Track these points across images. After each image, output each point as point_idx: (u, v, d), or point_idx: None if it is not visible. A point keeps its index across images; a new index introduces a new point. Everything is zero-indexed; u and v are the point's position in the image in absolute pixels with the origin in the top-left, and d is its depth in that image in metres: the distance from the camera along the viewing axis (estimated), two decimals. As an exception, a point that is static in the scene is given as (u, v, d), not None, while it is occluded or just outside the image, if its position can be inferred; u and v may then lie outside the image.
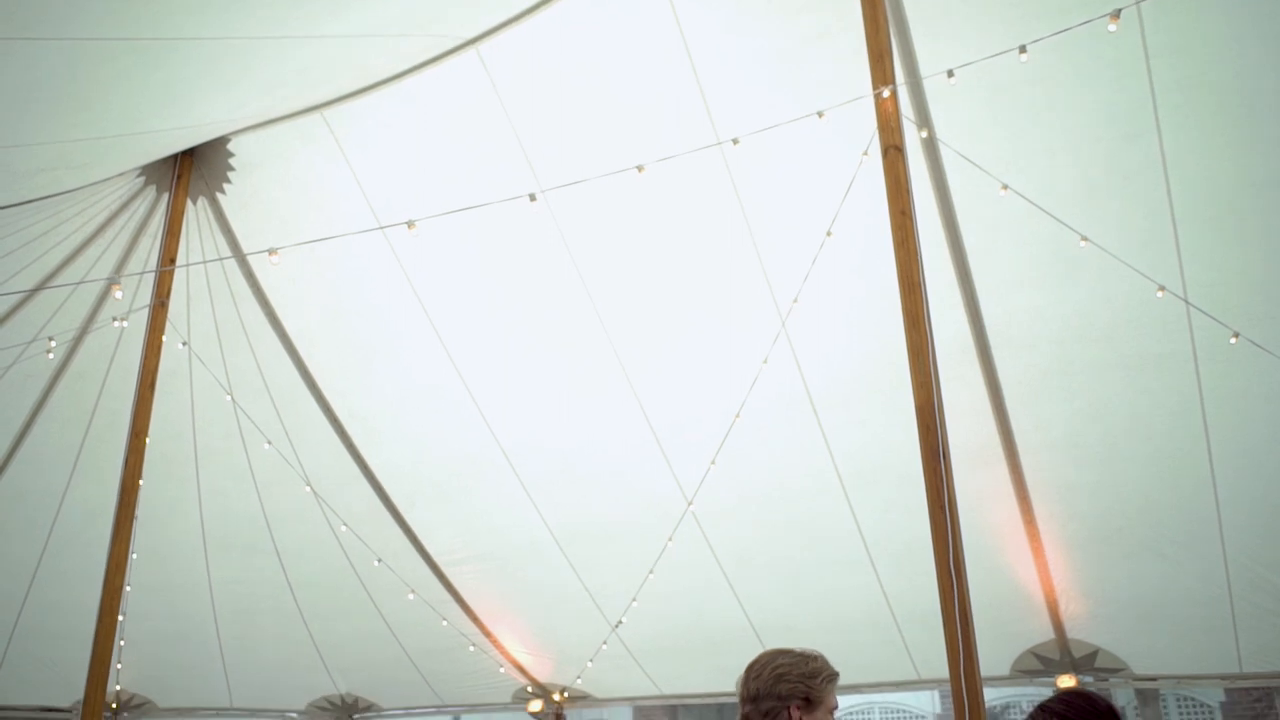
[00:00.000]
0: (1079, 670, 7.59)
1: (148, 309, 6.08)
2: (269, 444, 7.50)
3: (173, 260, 6.14)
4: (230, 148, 6.25)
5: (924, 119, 5.19)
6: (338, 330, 7.05)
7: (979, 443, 6.23)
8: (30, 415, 7.28)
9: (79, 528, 7.78)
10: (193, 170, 6.35)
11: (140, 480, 5.82)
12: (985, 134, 5.19)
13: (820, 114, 4.93)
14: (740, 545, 7.49)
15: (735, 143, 5.15)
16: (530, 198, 5.21)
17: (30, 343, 6.47)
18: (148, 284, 6.32)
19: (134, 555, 5.63)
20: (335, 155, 6.13)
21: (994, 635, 5.97)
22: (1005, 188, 5.13)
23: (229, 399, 7.29)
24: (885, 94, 4.50)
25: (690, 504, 7.06)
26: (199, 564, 8.53)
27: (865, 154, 5.05)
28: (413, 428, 7.45)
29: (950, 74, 4.72)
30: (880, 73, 4.57)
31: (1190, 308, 5.39)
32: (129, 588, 5.57)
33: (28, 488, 7.64)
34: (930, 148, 5.30)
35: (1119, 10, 4.35)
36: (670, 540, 7.21)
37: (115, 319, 6.55)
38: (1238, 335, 5.35)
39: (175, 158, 6.29)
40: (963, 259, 5.65)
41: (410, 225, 4.90)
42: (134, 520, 5.63)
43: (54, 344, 6.51)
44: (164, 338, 6.07)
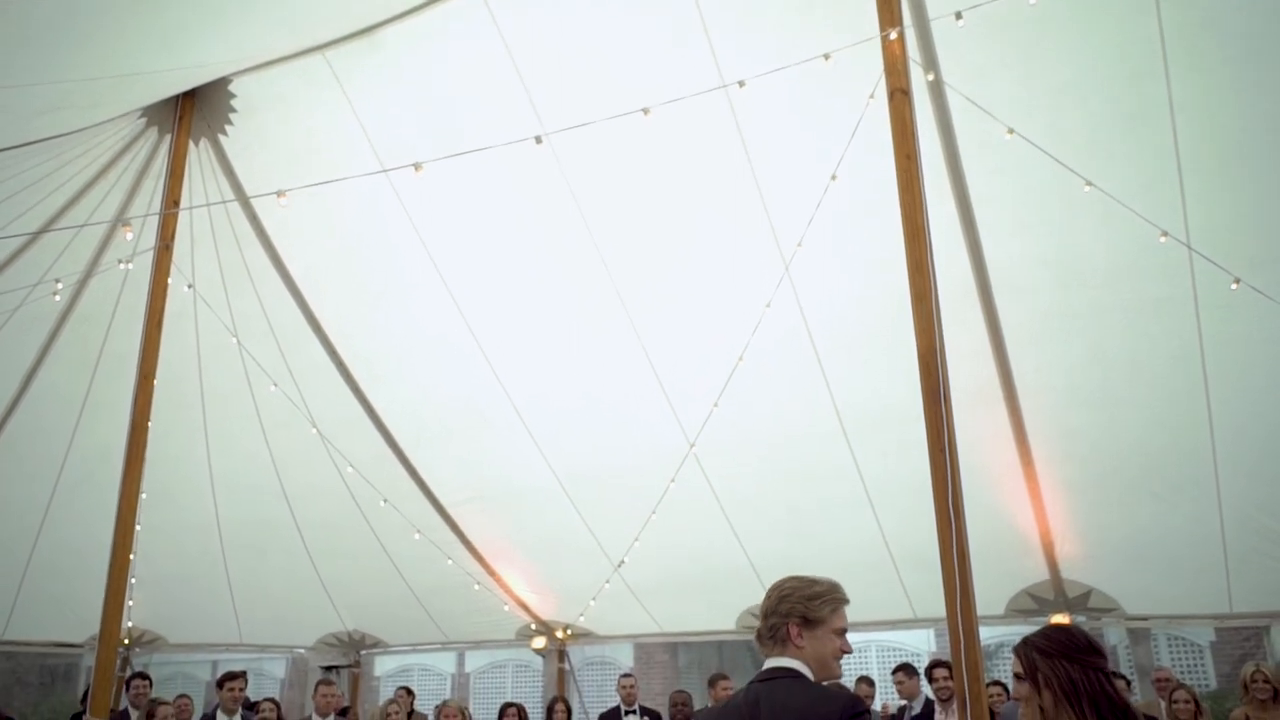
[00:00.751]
0: (1072, 610, 7.74)
1: (152, 251, 6.08)
2: (275, 386, 7.55)
3: (176, 202, 6.13)
4: (231, 89, 6.21)
5: (930, 62, 5.15)
6: (342, 274, 7.06)
7: (978, 386, 6.28)
8: (38, 357, 7.32)
9: (89, 468, 7.87)
10: (194, 112, 6.31)
11: (149, 421, 5.87)
12: (992, 77, 5.15)
13: (826, 56, 4.89)
14: (741, 486, 7.58)
15: (741, 85, 5.12)
16: (536, 140, 5.20)
17: (37, 284, 6.48)
18: (151, 226, 6.32)
19: (143, 496, 5.70)
20: (337, 97, 6.08)
21: (990, 575, 6.07)
22: (1011, 131, 5.11)
23: (234, 341, 7.33)
24: (893, 35, 4.47)
25: (692, 446, 7.14)
26: (207, 504, 8.64)
27: (871, 97, 5.02)
28: (418, 370, 7.49)
29: (958, 16, 4.68)
30: (888, 14, 4.54)
31: (1192, 253, 5.39)
32: (139, 527, 5.64)
33: (37, 428, 7.72)
34: (936, 91, 5.26)
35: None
36: (672, 482, 7.30)
37: (120, 261, 6.55)
38: (1239, 281, 5.37)
39: (176, 99, 6.25)
40: (966, 203, 5.64)
41: (417, 168, 4.89)
42: (144, 460, 5.69)
43: (60, 286, 6.52)
44: (169, 280, 6.08)
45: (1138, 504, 6.80)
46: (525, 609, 9.53)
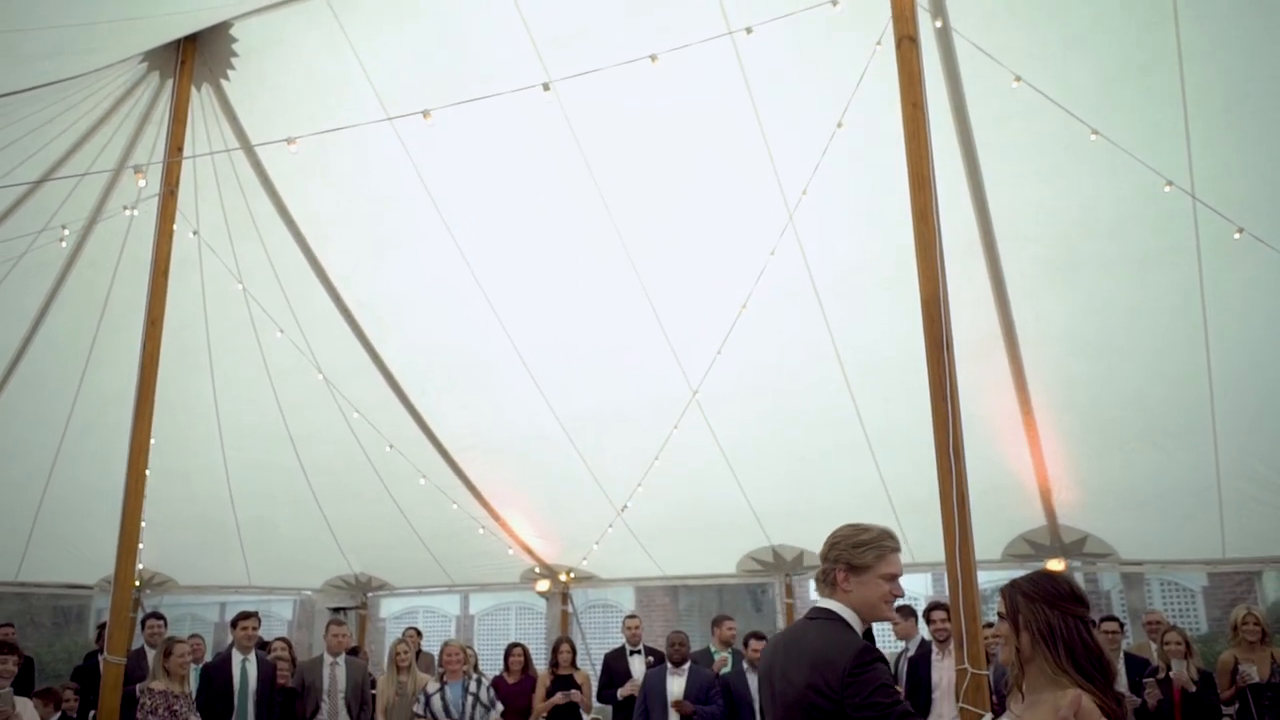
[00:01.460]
0: (1069, 555, 7.87)
1: (157, 197, 6.07)
2: (281, 333, 7.59)
3: (180, 148, 6.11)
4: (233, 33, 6.15)
5: (939, 8, 5.10)
6: (346, 221, 7.05)
7: (980, 335, 6.32)
8: (45, 302, 7.35)
9: (97, 413, 7.94)
10: (196, 56, 6.26)
11: (158, 367, 5.91)
12: (1000, 24, 5.11)
13: (834, 2, 4.86)
14: (743, 433, 7.66)
15: (749, 32, 5.08)
16: (544, 87, 5.17)
17: (42, 230, 6.49)
18: (154, 172, 6.30)
19: (152, 440, 5.76)
20: (340, 42, 6.02)
21: (988, 521, 6.16)
22: (1019, 79, 5.08)
23: (240, 288, 7.35)
24: (902, -19, 4.43)
25: (695, 393, 7.20)
26: (215, 450, 8.74)
27: (879, 44, 4.99)
28: (423, 317, 7.53)
29: (967, -39, 4.63)
30: (896, -41, 4.49)
31: (1196, 203, 5.39)
32: (148, 472, 5.71)
33: (45, 373, 7.77)
34: (944, 38, 5.22)
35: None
36: (675, 428, 7.37)
37: (125, 207, 6.55)
38: (1241, 230, 5.38)
39: (178, 44, 6.19)
40: (972, 152, 5.63)
41: (426, 115, 4.87)
42: (154, 406, 5.74)
43: (66, 233, 6.52)
44: (174, 226, 6.08)
45: (1135, 452, 6.88)
46: (529, 553, 9.67)
